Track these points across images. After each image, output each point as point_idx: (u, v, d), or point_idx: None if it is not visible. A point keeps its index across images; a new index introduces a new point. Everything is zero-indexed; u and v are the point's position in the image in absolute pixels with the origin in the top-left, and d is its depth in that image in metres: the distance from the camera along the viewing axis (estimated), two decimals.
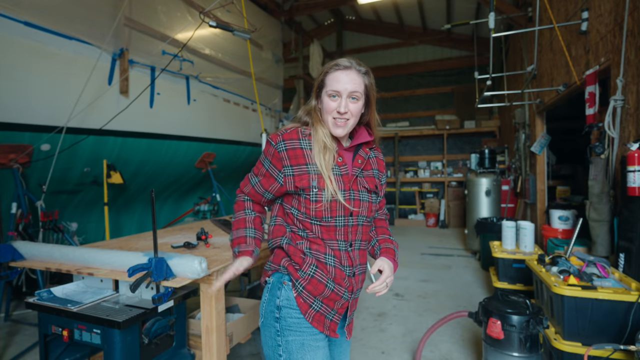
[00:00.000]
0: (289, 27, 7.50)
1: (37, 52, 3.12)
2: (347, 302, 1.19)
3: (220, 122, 5.41)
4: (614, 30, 2.58)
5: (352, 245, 1.18)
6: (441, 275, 4.47)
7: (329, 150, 1.16)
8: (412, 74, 9.25)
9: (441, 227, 8.02)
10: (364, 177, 1.21)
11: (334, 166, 1.17)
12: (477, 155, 5.81)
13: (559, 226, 3.50)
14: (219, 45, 5.28)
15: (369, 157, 1.27)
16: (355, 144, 1.25)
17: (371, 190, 1.22)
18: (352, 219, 1.17)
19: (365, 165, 1.24)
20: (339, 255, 1.16)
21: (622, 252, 2.22)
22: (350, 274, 1.17)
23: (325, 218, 1.15)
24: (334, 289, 1.15)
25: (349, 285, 1.17)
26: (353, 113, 1.16)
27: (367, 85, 1.19)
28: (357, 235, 1.20)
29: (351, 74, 1.14)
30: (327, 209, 1.14)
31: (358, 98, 1.16)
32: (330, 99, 1.15)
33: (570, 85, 3.38)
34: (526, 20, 4.87)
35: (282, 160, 1.16)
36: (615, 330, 1.83)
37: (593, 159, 2.65)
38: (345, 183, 1.17)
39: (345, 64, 1.15)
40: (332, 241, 1.16)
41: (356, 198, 1.18)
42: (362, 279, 1.22)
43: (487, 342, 2.07)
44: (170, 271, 1.58)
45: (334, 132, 1.17)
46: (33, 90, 3.14)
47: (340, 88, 1.13)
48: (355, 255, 1.19)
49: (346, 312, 1.21)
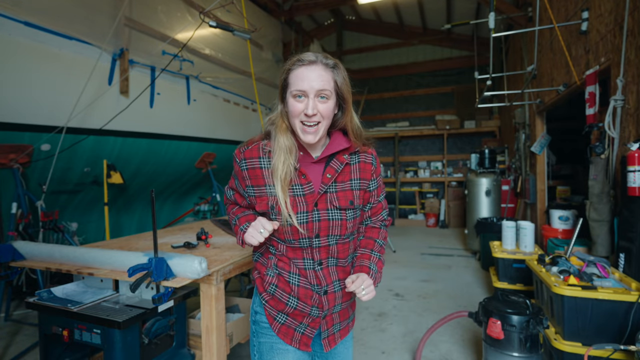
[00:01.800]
0: (289, 27, 7.50)
1: (38, 52, 3.12)
2: (318, 318, 1.12)
3: (220, 122, 5.41)
4: (614, 30, 2.58)
5: (322, 264, 1.09)
6: (441, 275, 4.47)
7: (290, 166, 1.03)
8: (412, 74, 9.24)
9: (441, 227, 8.02)
10: (336, 192, 1.08)
11: (295, 185, 1.05)
12: (477, 155, 5.81)
13: (559, 226, 3.50)
14: (219, 45, 5.29)
15: (347, 165, 1.11)
16: (327, 155, 1.09)
17: (345, 208, 1.07)
18: (317, 241, 1.06)
19: (339, 178, 1.09)
20: (304, 274, 1.08)
21: (622, 252, 2.21)
22: (320, 291, 1.09)
23: (287, 240, 1.08)
24: (297, 306, 1.10)
25: (318, 302, 1.09)
26: (323, 115, 1.01)
27: (338, 82, 1.04)
28: (329, 254, 1.09)
29: (317, 70, 1.00)
30: (287, 232, 1.05)
31: (328, 97, 1.01)
32: (296, 100, 1.00)
33: (570, 85, 3.38)
34: (526, 20, 4.86)
35: (245, 180, 1.10)
36: (615, 330, 1.82)
37: (593, 159, 2.65)
38: (308, 204, 1.05)
39: (310, 58, 1.01)
40: (298, 260, 1.09)
41: (323, 219, 1.05)
42: (340, 295, 1.13)
43: (487, 342, 2.07)
44: (170, 271, 1.58)
45: (304, 140, 1.03)
46: (33, 90, 3.14)
47: (306, 86, 0.98)
48: (325, 273, 1.09)
49: (321, 325, 1.15)
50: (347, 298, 1.17)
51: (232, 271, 1.85)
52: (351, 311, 1.24)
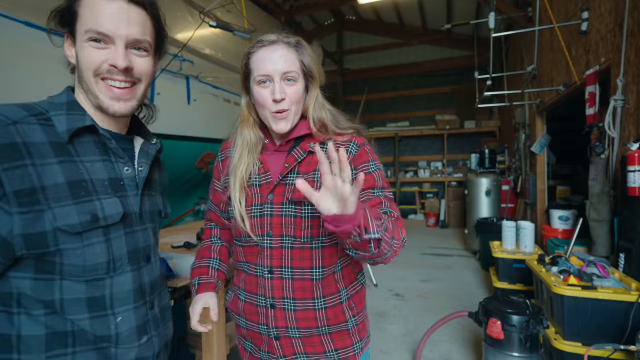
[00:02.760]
0: (289, 27, 7.50)
1: (37, 51, 3.12)
2: (271, 340, 0.94)
3: (220, 122, 5.41)
4: (614, 30, 2.58)
5: (272, 272, 0.92)
6: (441, 275, 4.47)
7: (250, 165, 0.95)
8: (412, 74, 9.24)
9: (441, 227, 8.02)
10: (295, 184, 0.88)
11: (254, 175, 0.96)
12: (477, 155, 5.81)
13: (559, 226, 3.50)
14: (219, 45, 5.29)
15: (311, 154, 0.94)
16: (291, 139, 0.96)
17: (299, 201, 0.90)
18: (269, 240, 0.91)
19: (302, 168, 0.94)
20: (254, 283, 0.94)
21: (622, 252, 2.21)
22: (265, 304, 0.92)
23: (243, 238, 0.97)
24: (247, 326, 0.98)
25: (265, 317, 0.93)
26: (292, 99, 0.91)
27: (305, 62, 0.93)
28: (281, 261, 0.91)
29: (280, 49, 0.90)
30: (241, 227, 0.94)
31: (295, 79, 0.91)
32: (261, 87, 0.90)
33: (570, 85, 3.38)
34: (526, 20, 4.86)
35: (220, 171, 1.05)
36: (615, 330, 1.82)
37: (593, 159, 2.64)
38: (262, 195, 0.93)
39: (271, 38, 0.92)
40: (252, 265, 0.96)
41: (275, 214, 0.91)
42: (293, 317, 0.92)
43: (487, 342, 2.07)
44: (170, 271, 1.58)
45: (276, 129, 0.92)
46: (33, 90, 3.14)
47: (270, 69, 0.88)
48: (276, 285, 0.91)
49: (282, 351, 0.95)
50: (309, 324, 0.92)
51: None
52: (330, 345, 0.95)
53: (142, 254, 0.81)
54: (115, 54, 0.71)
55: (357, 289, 1.02)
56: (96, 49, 0.71)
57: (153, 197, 0.88)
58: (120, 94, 0.74)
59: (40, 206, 0.65)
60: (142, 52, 0.76)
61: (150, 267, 0.84)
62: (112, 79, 0.73)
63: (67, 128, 0.71)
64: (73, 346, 0.71)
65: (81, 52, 0.72)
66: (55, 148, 0.69)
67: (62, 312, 0.70)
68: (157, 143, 0.88)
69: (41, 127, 0.69)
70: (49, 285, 0.69)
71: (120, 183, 0.78)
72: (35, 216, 0.65)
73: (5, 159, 0.62)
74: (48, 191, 0.66)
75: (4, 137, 0.63)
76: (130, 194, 0.79)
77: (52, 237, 0.66)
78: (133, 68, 0.74)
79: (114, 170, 0.77)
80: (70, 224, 0.67)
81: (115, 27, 0.70)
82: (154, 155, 0.86)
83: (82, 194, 0.70)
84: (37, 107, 0.72)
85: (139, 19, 0.74)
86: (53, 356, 0.69)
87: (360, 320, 1.00)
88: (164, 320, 0.88)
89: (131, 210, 0.79)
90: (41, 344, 0.68)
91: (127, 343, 0.76)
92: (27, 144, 0.65)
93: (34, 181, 0.65)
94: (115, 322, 0.74)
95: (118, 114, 0.75)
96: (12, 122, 0.66)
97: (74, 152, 0.72)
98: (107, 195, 0.74)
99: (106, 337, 0.73)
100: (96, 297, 0.72)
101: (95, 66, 0.71)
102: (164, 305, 0.90)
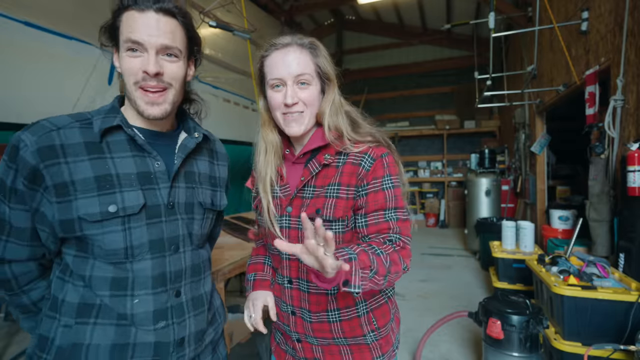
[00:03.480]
0: (289, 27, 7.49)
1: (36, 51, 3.12)
2: (294, 341, 0.99)
3: (220, 122, 5.40)
4: (614, 30, 2.58)
5: (291, 282, 0.95)
6: (441, 275, 4.47)
7: (271, 164, 0.95)
8: (412, 74, 9.24)
9: (441, 227, 8.02)
10: (311, 197, 0.90)
11: (275, 186, 0.95)
12: (477, 155, 5.81)
13: (559, 226, 3.50)
14: (219, 45, 5.28)
15: (331, 168, 0.92)
16: (308, 152, 0.94)
17: (310, 217, 0.83)
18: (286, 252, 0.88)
19: (318, 182, 0.92)
20: (277, 288, 0.99)
21: (622, 252, 2.21)
22: (287, 310, 0.97)
23: (269, 246, 1.00)
24: (278, 321, 1.02)
25: (287, 320, 0.98)
26: (307, 102, 0.89)
27: (320, 64, 0.91)
28: (299, 273, 0.93)
29: (293, 52, 0.89)
30: (269, 236, 0.96)
31: (309, 82, 0.89)
32: (274, 91, 0.90)
33: (570, 85, 3.38)
34: (526, 20, 4.86)
35: (254, 182, 1.05)
36: (615, 330, 1.82)
37: (593, 159, 2.65)
38: (281, 207, 0.94)
39: (285, 40, 0.90)
40: (278, 272, 1.00)
41: (292, 227, 0.92)
42: (310, 328, 0.94)
43: (487, 342, 2.07)
44: None
45: (288, 132, 0.92)
46: (32, 90, 3.14)
47: (283, 73, 0.88)
48: (295, 295, 0.94)
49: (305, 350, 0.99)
50: (325, 335, 0.94)
51: (232, 271, 1.85)
52: (349, 357, 0.95)
53: (169, 244, 0.85)
54: (147, 60, 0.79)
55: (380, 302, 0.98)
56: (132, 57, 0.80)
57: (194, 189, 0.91)
58: (154, 97, 0.82)
59: (69, 197, 0.76)
60: (173, 57, 0.83)
61: (177, 257, 0.86)
62: (147, 85, 0.81)
63: (99, 128, 0.81)
64: (96, 317, 0.80)
65: (122, 62, 0.81)
66: (89, 147, 0.80)
67: (90, 287, 0.80)
68: (199, 137, 0.93)
69: (80, 130, 0.81)
70: (85, 262, 0.81)
71: (151, 176, 0.84)
72: (66, 206, 0.77)
73: (45, 158, 0.76)
74: (77, 184, 0.77)
75: (46, 141, 0.76)
76: (162, 186, 0.85)
77: (77, 224, 0.77)
78: (163, 73, 0.81)
79: (145, 165, 0.84)
80: (90, 213, 0.77)
81: (148, 35, 0.79)
82: (192, 148, 0.90)
83: (106, 186, 0.79)
84: (85, 115, 0.85)
85: (169, 27, 0.81)
86: (79, 322, 0.79)
87: (384, 335, 0.97)
88: (196, 310, 0.90)
89: (159, 202, 0.84)
90: (73, 310, 0.80)
91: (143, 325, 0.81)
92: (64, 146, 0.78)
93: (65, 177, 0.76)
94: (132, 302, 0.80)
95: (152, 117, 0.83)
96: (56, 128, 0.79)
97: (106, 150, 0.81)
98: (131, 188, 0.81)
99: (123, 315, 0.80)
100: (119, 278, 0.80)
101: (134, 74, 0.80)
102: (197, 296, 0.91)
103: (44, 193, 0.77)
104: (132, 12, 0.80)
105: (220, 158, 1.05)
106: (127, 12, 0.80)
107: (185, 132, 0.95)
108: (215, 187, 0.99)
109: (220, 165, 1.03)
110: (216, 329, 0.99)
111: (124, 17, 0.80)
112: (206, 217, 0.94)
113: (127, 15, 0.80)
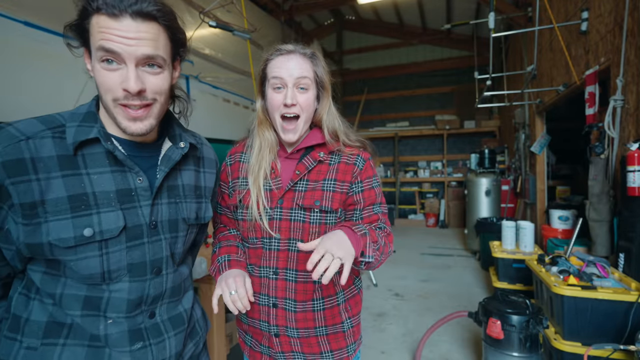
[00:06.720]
0: (289, 27, 7.50)
1: (37, 52, 3.12)
2: (271, 337, 1.00)
3: (220, 122, 5.41)
4: (614, 30, 2.58)
5: (277, 273, 0.97)
6: (441, 275, 4.47)
7: (266, 161, 0.99)
8: (412, 74, 9.24)
9: (441, 227, 8.02)
10: (305, 190, 0.98)
11: (265, 179, 0.99)
12: (477, 155, 5.81)
13: (558, 226, 3.50)
14: (219, 45, 5.29)
15: (324, 164, 1.01)
16: (302, 148, 1.02)
17: (309, 207, 0.96)
18: (276, 242, 0.97)
19: (312, 176, 0.99)
20: (257, 283, 0.99)
21: (622, 252, 2.21)
22: (268, 303, 0.98)
23: (250, 239, 1.01)
24: (248, 322, 1.04)
25: (266, 315, 0.98)
26: (303, 106, 0.96)
27: (318, 73, 0.99)
28: (287, 263, 0.97)
29: (296, 58, 0.96)
30: (250, 229, 0.99)
31: (307, 87, 0.97)
32: (275, 92, 0.96)
33: (570, 85, 3.38)
34: (526, 20, 4.86)
35: (228, 175, 1.07)
36: (615, 330, 1.83)
37: (593, 159, 2.65)
38: (272, 200, 0.98)
39: (288, 48, 0.98)
40: (256, 267, 1.00)
41: (284, 218, 0.97)
42: (293, 318, 0.97)
43: (487, 342, 2.07)
44: None
45: (284, 139, 0.99)
46: (32, 90, 3.14)
47: (285, 74, 0.94)
48: (280, 285, 0.97)
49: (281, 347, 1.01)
50: (308, 325, 0.98)
51: None
52: (327, 347, 1.01)
53: (151, 267, 0.78)
54: (126, 75, 0.68)
55: (353, 292, 1.09)
56: (109, 71, 0.68)
57: (177, 204, 0.83)
58: (136, 114, 0.72)
59: (38, 219, 0.67)
60: (156, 68, 0.72)
61: (159, 280, 0.79)
62: (128, 104, 0.71)
63: (73, 141, 0.70)
64: (66, 338, 0.72)
65: (96, 73, 0.70)
66: (62, 161, 0.69)
67: (60, 306, 0.73)
68: (185, 147, 0.84)
69: (53, 140, 0.70)
70: (55, 280, 0.73)
71: (132, 194, 0.75)
72: (34, 229, 0.67)
73: (13, 173, 0.65)
74: (48, 205, 0.67)
75: (13, 153, 0.66)
76: (143, 204, 0.76)
77: (47, 249, 0.69)
78: (146, 90, 0.71)
79: (125, 181, 0.75)
80: (63, 238, 0.68)
81: (126, 44, 0.67)
82: (176, 160, 0.81)
83: (81, 207, 0.69)
84: (58, 119, 0.73)
85: (150, 34, 0.69)
86: (46, 343, 0.72)
87: (356, 323, 1.08)
88: (175, 330, 0.84)
89: (141, 221, 0.76)
90: (40, 330, 0.72)
91: (118, 346, 0.74)
92: (35, 160, 0.67)
93: (35, 196, 0.67)
94: (105, 323, 0.74)
95: (136, 134, 0.74)
96: (25, 137, 0.68)
97: (81, 164, 0.71)
98: (110, 208, 0.72)
99: (96, 336, 0.73)
100: (93, 298, 0.73)
101: (111, 91, 0.69)
102: (175, 315, 0.85)
103: (9, 211, 0.67)
104: (103, 17, 0.66)
105: (207, 165, 0.94)
106: (97, 16, 0.67)
107: (169, 140, 0.85)
108: (200, 198, 0.90)
109: (206, 173, 0.94)
110: (196, 343, 0.92)
111: (94, 20, 0.67)
112: (190, 232, 0.87)
113: (97, 19, 0.67)
